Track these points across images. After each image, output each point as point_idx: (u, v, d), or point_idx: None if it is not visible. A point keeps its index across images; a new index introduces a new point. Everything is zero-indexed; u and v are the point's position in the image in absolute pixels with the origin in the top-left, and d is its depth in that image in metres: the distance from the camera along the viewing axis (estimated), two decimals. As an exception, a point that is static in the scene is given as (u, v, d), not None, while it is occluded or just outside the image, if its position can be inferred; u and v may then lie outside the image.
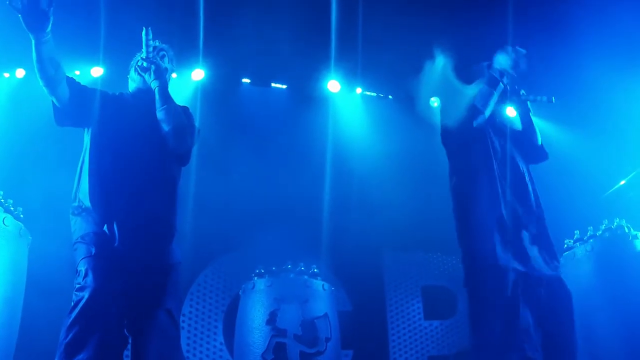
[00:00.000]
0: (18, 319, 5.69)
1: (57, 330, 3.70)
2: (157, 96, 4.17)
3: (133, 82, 4.42)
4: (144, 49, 4.19)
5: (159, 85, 4.18)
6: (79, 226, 3.97)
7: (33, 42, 3.81)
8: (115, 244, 3.85)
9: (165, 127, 4.12)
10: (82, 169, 4.10)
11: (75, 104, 4.15)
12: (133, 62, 4.40)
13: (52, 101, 4.13)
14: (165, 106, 4.14)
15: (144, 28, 4.12)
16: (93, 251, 3.79)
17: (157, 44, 4.41)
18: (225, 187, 7.88)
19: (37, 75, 3.95)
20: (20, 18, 3.70)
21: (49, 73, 3.94)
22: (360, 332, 7.79)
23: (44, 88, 4.03)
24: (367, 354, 7.92)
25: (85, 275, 3.70)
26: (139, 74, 4.30)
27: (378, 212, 8.17)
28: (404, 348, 8.19)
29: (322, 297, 6.38)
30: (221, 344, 7.54)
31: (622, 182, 7.60)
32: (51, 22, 3.76)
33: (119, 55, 7.24)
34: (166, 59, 4.51)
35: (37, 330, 6.07)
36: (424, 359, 8.15)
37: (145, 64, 4.23)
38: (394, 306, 8.43)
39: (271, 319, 6.08)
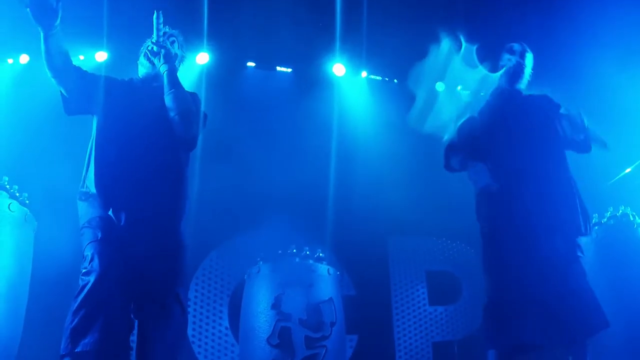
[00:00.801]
0: (24, 304, 5.71)
1: (63, 315, 3.71)
2: (165, 81, 4.17)
3: (142, 68, 4.40)
4: (154, 33, 4.19)
5: (168, 70, 4.18)
6: (85, 211, 3.98)
7: (42, 34, 3.81)
8: (122, 229, 3.86)
9: (172, 113, 4.12)
10: (90, 155, 4.10)
11: (84, 93, 4.16)
12: (143, 48, 4.39)
13: (60, 91, 4.13)
14: (173, 91, 4.14)
15: (154, 12, 4.12)
16: (99, 236, 3.81)
17: (168, 29, 4.41)
18: (231, 171, 7.87)
19: (45, 66, 3.96)
20: (29, 12, 3.70)
21: (57, 64, 3.96)
22: (365, 317, 7.80)
23: (51, 79, 4.03)
24: (372, 339, 7.93)
25: (91, 259, 3.73)
26: (148, 59, 4.29)
27: (383, 197, 8.16)
28: (409, 334, 8.21)
29: (327, 281, 6.39)
30: (226, 328, 7.56)
31: (628, 170, 7.58)
32: (60, 15, 3.75)
33: (123, 40, 7.26)
34: (176, 45, 4.50)
35: (44, 315, 6.09)
36: (429, 345, 8.17)
37: (155, 48, 4.23)
38: (399, 291, 8.44)
39: (276, 304, 6.09)
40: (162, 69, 4.19)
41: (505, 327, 4.29)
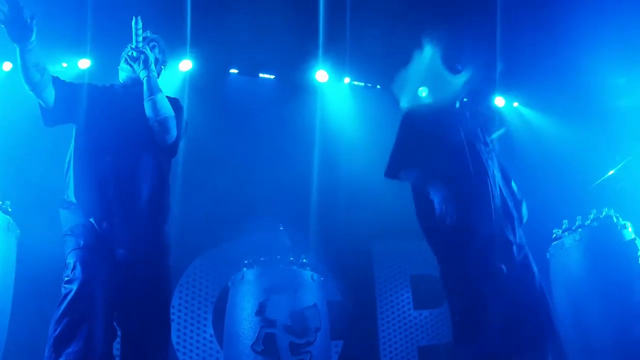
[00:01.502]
0: (7, 313, 5.67)
1: (46, 323, 3.70)
2: (144, 87, 4.15)
3: (123, 73, 4.39)
4: (133, 39, 4.16)
5: (147, 76, 4.14)
6: (67, 219, 3.97)
7: (18, 50, 3.80)
8: (104, 236, 3.85)
9: (152, 119, 4.10)
10: (69, 164, 4.09)
11: (62, 104, 4.14)
12: (124, 53, 4.37)
13: (39, 103, 4.11)
14: (152, 97, 4.11)
15: (133, 17, 4.09)
16: (81, 243, 3.80)
17: (148, 34, 4.39)
18: (214, 178, 7.88)
19: (23, 81, 3.94)
20: (4, 29, 3.69)
21: (35, 79, 3.93)
22: (350, 323, 7.80)
23: (30, 92, 4.01)
24: (357, 344, 7.93)
25: (74, 267, 3.71)
26: (128, 64, 4.27)
27: (367, 202, 8.17)
28: (394, 338, 8.21)
29: (311, 287, 6.38)
30: (211, 335, 7.54)
31: (611, 172, 7.61)
32: (35, 32, 3.74)
33: (106, 46, 7.23)
34: (157, 50, 4.49)
35: (27, 323, 6.06)
36: (414, 349, 8.17)
37: (134, 54, 4.20)
38: (384, 296, 8.44)
39: (260, 310, 6.07)
40: (142, 74, 4.16)
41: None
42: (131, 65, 4.25)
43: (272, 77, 8.93)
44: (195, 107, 7.00)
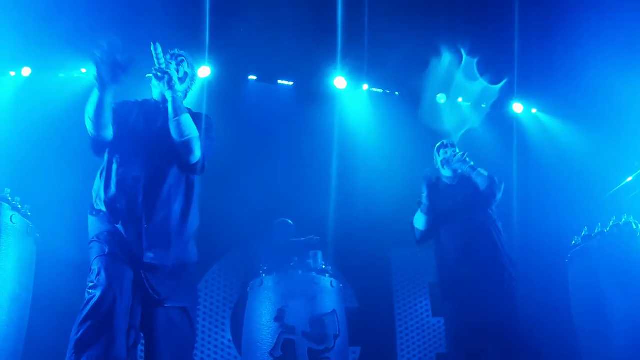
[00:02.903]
0: (27, 316, 5.72)
1: (64, 326, 3.73)
2: (169, 107, 4.15)
3: (155, 89, 4.42)
4: (155, 62, 4.18)
5: (173, 97, 4.15)
6: (94, 225, 4.00)
7: (98, 90, 3.82)
8: (130, 243, 3.87)
9: (176, 139, 4.12)
10: (102, 174, 4.11)
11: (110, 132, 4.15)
12: (153, 70, 4.38)
13: (91, 134, 4.07)
14: (176, 118, 4.11)
15: (151, 44, 4.11)
16: (106, 250, 3.82)
17: (176, 51, 4.44)
18: (232, 184, 7.88)
19: (89, 117, 3.94)
20: (94, 69, 3.72)
21: (106, 119, 3.96)
22: (368, 329, 7.80)
23: (91, 131, 4.01)
24: (375, 351, 7.92)
25: (98, 274, 3.74)
26: (157, 79, 4.29)
27: (385, 208, 8.15)
28: (412, 345, 8.19)
29: (330, 293, 6.38)
30: (229, 340, 7.55)
31: (630, 179, 7.57)
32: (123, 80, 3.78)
33: (125, 53, 7.26)
34: (185, 64, 4.53)
35: (45, 326, 6.09)
36: (432, 356, 8.15)
37: (159, 74, 4.21)
38: (402, 303, 8.43)
39: (279, 316, 6.08)
40: (167, 95, 4.18)
41: None
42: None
43: (291, 83, 8.97)
44: (213, 114, 6.97)
